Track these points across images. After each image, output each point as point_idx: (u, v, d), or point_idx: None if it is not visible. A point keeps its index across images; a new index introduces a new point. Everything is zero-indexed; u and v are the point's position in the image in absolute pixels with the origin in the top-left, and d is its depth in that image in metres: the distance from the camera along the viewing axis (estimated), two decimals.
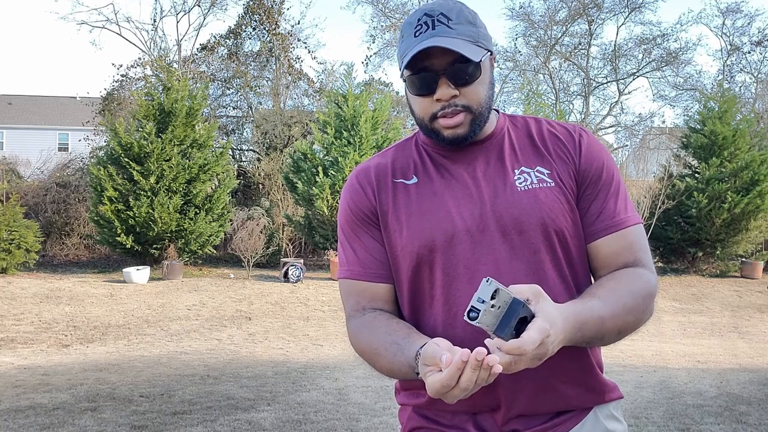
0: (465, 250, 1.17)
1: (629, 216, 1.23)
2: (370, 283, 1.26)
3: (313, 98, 22.92)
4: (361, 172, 1.29)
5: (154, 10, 38.52)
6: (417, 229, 1.20)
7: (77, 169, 18.84)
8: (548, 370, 1.11)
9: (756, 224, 15.35)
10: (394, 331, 1.16)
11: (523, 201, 1.18)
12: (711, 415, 4.66)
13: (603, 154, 1.25)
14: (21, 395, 5.11)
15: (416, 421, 1.25)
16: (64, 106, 34.09)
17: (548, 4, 24.86)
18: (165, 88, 15.10)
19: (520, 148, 1.25)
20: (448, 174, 1.23)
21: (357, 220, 1.27)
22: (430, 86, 1.16)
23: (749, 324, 10.88)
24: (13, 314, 10.12)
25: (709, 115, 16.09)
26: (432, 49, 1.13)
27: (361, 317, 1.25)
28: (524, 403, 1.17)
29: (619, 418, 1.26)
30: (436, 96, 1.16)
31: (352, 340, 1.26)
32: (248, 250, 14.38)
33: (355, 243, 1.27)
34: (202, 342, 8.40)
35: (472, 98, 1.17)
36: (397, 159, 1.29)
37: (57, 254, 16.51)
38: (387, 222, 1.24)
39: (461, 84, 1.15)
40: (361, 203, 1.26)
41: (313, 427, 4.25)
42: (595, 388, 1.22)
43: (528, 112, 17.17)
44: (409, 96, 1.22)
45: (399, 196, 1.24)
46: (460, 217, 1.19)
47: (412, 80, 1.17)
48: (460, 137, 1.19)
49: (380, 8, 25.39)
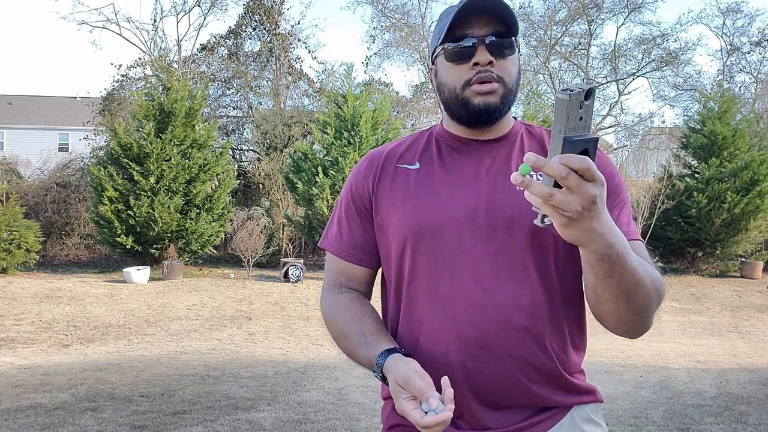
0: (450, 240, 1.18)
1: (629, 229, 1.23)
2: (349, 264, 1.31)
3: (313, 98, 22.94)
4: (370, 158, 1.33)
5: (155, 10, 38.53)
6: (408, 214, 1.22)
7: (77, 169, 18.84)
8: (514, 363, 1.14)
9: (756, 224, 15.36)
10: (365, 323, 1.22)
11: (519, 200, 1.18)
12: (711, 415, 4.66)
13: (613, 168, 1.26)
14: (21, 395, 5.12)
15: (395, 419, 1.26)
16: (64, 106, 34.08)
17: (548, 4, 24.87)
18: (165, 88, 15.10)
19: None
20: (452, 163, 1.25)
21: (353, 205, 1.31)
22: (470, 52, 1.18)
23: (749, 324, 10.88)
24: (14, 314, 10.13)
25: (708, 115, 16.10)
26: (474, 20, 1.17)
27: (337, 294, 1.31)
28: (495, 391, 1.17)
29: (598, 421, 1.25)
30: (474, 59, 1.17)
31: (323, 310, 1.32)
32: (248, 250, 14.39)
33: (344, 224, 1.32)
34: (202, 342, 8.40)
35: (507, 72, 1.19)
36: (411, 147, 1.32)
37: (57, 254, 16.51)
38: (380, 205, 1.27)
39: (498, 55, 1.18)
40: (360, 189, 1.30)
41: (313, 427, 4.25)
42: (565, 390, 1.21)
43: (528, 112, 17.15)
44: (441, 71, 1.23)
45: (399, 180, 1.27)
46: (452, 208, 1.20)
47: (450, 48, 1.19)
48: (491, 106, 1.19)
49: (380, 8, 25.38)
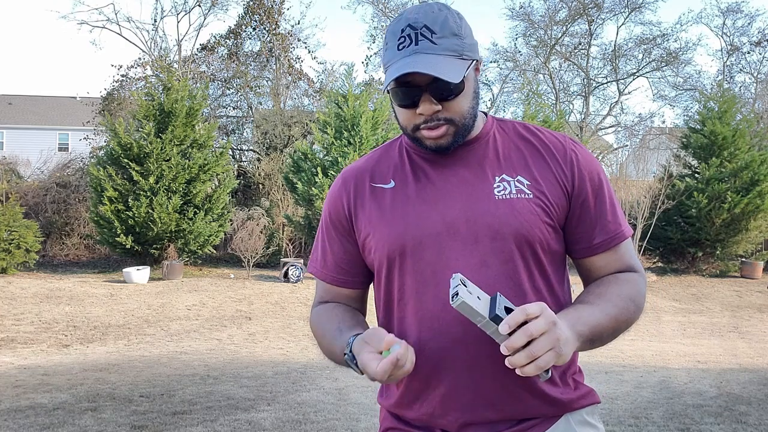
0: (433, 255, 1.18)
1: (623, 229, 1.25)
2: (333, 286, 1.34)
3: (313, 98, 22.95)
4: (343, 178, 1.32)
5: (155, 10, 38.44)
6: (387, 233, 1.22)
7: (77, 169, 18.83)
8: (502, 375, 1.13)
9: (756, 224, 15.37)
10: (344, 321, 1.26)
11: (499, 209, 1.17)
12: (711, 415, 4.66)
13: (594, 166, 1.25)
14: (21, 395, 5.11)
15: (389, 422, 1.28)
16: (64, 106, 34.09)
17: (548, 4, 24.88)
18: (165, 88, 15.10)
19: (503, 155, 1.24)
20: (425, 178, 1.24)
21: (332, 225, 1.32)
22: (413, 100, 1.16)
23: (749, 324, 10.88)
24: (13, 314, 10.12)
25: (708, 116, 16.10)
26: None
27: (323, 306, 1.35)
28: (483, 410, 1.17)
29: (594, 423, 1.24)
30: (418, 111, 1.16)
31: (311, 324, 1.36)
32: (248, 250, 14.39)
33: (326, 245, 1.34)
34: (202, 342, 8.40)
35: (455, 111, 1.17)
36: (381, 162, 1.31)
37: (57, 254, 16.51)
38: (360, 227, 1.27)
39: (443, 99, 1.15)
40: (336, 211, 1.31)
41: (313, 427, 4.25)
42: (558, 401, 1.20)
43: (528, 112, 17.16)
44: (393, 103, 1.23)
45: (375, 200, 1.26)
46: (431, 222, 1.19)
47: (396, 92, 1.18)
48: (442, 147, 1.20)
49: (380, 8, 25.41)
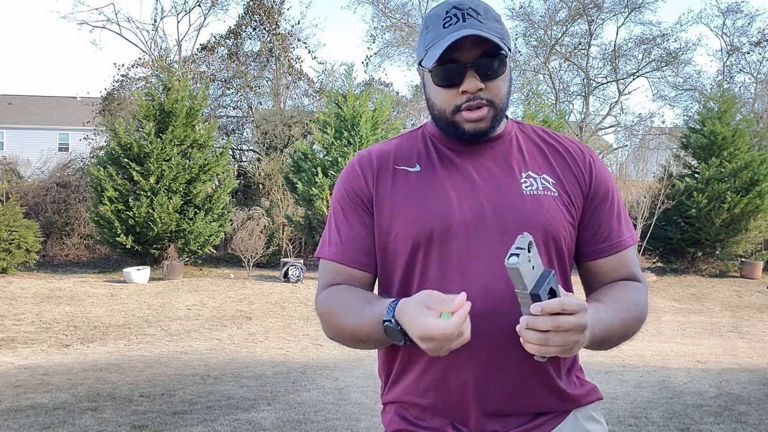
0: (460, 243, 1.16)
1: (630, 236, 1.29)
2: (347, 267, 1.24)
3: (313, 98, 22.95)
4: (363, 157, 1.27)
5: (155, 10, 38.43)
6: (415, 217, 1.18)
7: (77, 169, 18.83)
8: (522, 369, 1.15)
9: (755, 224, 15.37)
10: (365, 296, 1.19)
11: (527, 204, 1.18)
12: (711, 414, 4.66)
13: (609, 176, 1.30)
14: (21, 395, 5.12)
15: (397, 424, 1.24)
16: (64, 106, 34.09)
17: (548, 4, 24.88)
18: (165, 88, 15.10)
19: (528, 153, 1.26)
20: (452, 166, 1.23)
21: (350, 201, 1.25)
22: (457, 78, 1.15)
23: (749, 324, 10.88)
24: (14, 314, 10.13)
25: (708, 116, 16.10)
26: (463, 41, 1.12)
27: (336, 286, 1.24)
28: (500, 402, 1.17)
29: (599, 419, 1.27)
30: (462, 88, 1.15)
31: (318, 307, 1.24)
32: (248, 250, 14.39)
33: (342, 225, 1.25)
34: (202, 342, 8.40)
35: (496, 93, 1.17)
36: (401, 147, 1.28)
37: (57, 254, 16.51)
38: (382, 208, 1.22)
39: (487, 78, 1.15)
40: (357, 186, 1.24)
41: (313, 426, 4.25)
42: (570, 395, 1.23)
43: (528, 112, 17.15)
44: (429, 88, 1.20)
45: (399, 182, 1.22)
46: (459, 210, 1.17)
47: (438, 71, 1.16)
48: (480, 131, 1.19)
49: (380, 8, 25.43)
